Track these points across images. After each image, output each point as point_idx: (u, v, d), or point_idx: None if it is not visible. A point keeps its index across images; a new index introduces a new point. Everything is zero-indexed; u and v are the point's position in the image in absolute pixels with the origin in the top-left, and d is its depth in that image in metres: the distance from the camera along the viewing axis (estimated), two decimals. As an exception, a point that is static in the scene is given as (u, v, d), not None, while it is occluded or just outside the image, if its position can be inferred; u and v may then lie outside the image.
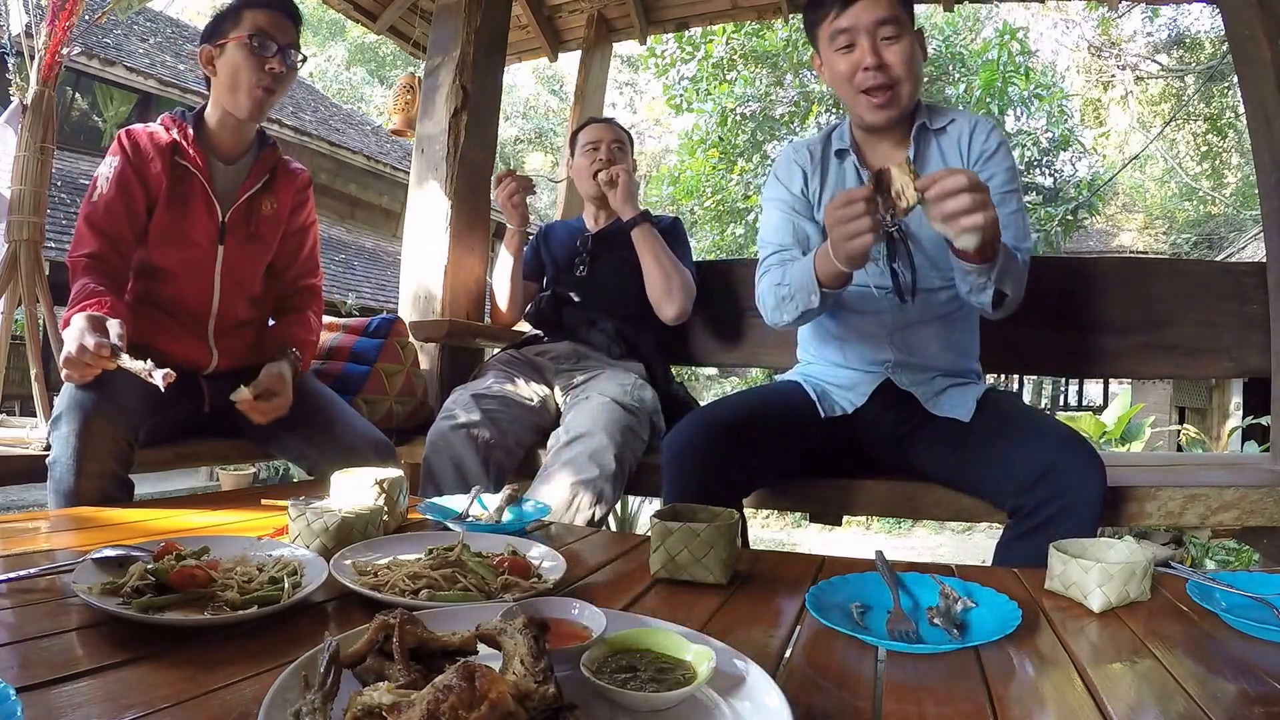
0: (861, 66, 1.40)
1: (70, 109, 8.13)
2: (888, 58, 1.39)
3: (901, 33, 1.39)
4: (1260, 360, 1.92)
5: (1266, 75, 1.72)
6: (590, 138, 2.24)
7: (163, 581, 0.79)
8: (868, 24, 1.38)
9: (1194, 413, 10.10)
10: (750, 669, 0.63)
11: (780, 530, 7.61)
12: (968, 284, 1.35)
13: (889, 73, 1.39)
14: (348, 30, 18.45)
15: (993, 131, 1.51)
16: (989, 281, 1.28)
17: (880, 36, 1.39)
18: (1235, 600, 0.87)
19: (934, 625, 0.82)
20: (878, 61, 1.38)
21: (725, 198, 10.19)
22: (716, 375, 13.28)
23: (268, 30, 1.61)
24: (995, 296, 1.33)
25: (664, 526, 0.98)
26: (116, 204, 1.57)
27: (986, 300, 1.34)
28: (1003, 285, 1.30)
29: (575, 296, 2.12)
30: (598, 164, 2.16)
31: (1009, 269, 1.30)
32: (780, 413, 1.53)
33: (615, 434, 1.66)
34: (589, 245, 2.20)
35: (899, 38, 1.39)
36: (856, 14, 1.38)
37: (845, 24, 1.40)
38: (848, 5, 1.39)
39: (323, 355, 2.13)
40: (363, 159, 10.80)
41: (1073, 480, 1.24)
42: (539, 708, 0.53)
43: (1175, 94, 14.39)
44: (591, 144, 2.21)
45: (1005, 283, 1.30)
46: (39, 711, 0.56)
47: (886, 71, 1.39)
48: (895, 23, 1.39)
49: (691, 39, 9.93)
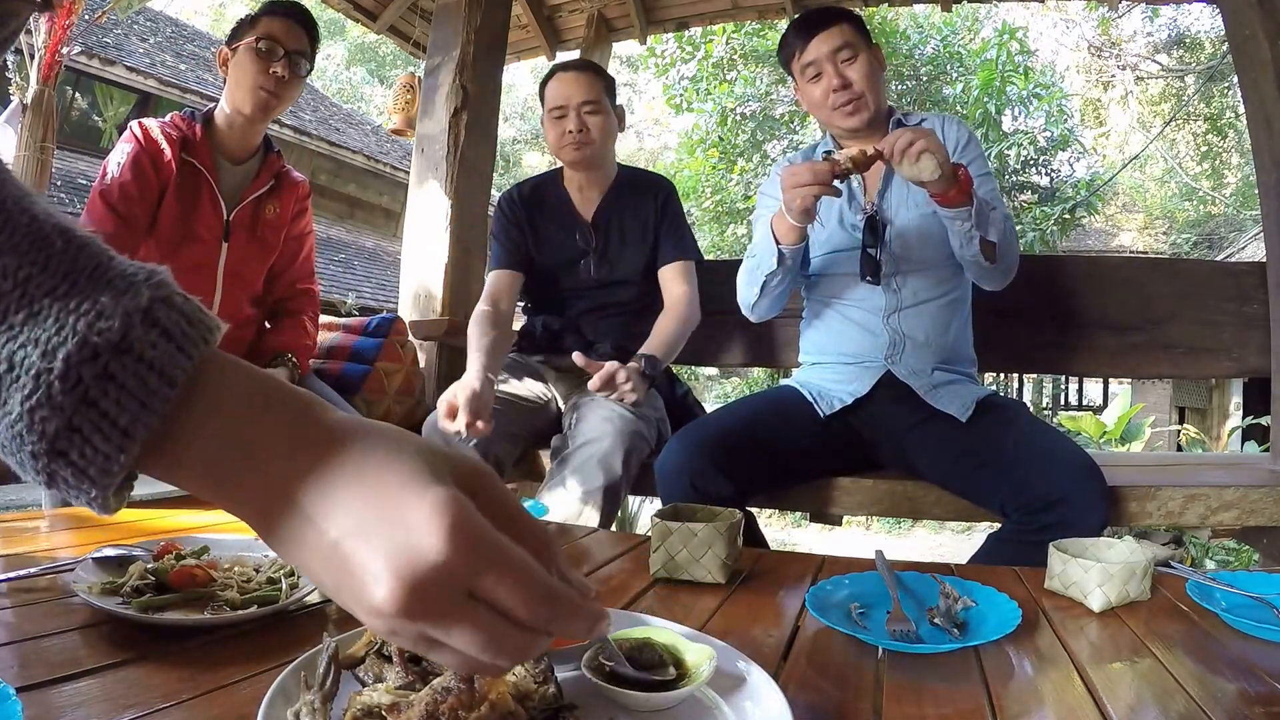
0: (830, 89, 1.59)
1: (70, 109, 8.12)
2: (850, 76, 1.59)
3: (857, 53, 1.60)
4: (1260, 360, 1.93)
5: (1266, 75, 1.72)
6: (557, 99, 1.84)
7: (163, 581, 0.79)
8: (827, 53, 1.59)
9: (1194, 413, 10.10)
10: (750, 669, 0.63)
11: (780, 530, 7.61)
12: (958, 237, 1.47)
13: (853, 89, 1.59)
14: (348, 30, 18.45)
15: (961, 126, 1.68)
16: (972, 226, 1.41)
17: (840, 60, 1.59)
18: (1235, 600, 0.87)
19: (934, 625, 0.82)
20: (842, 82, 1.59)
21: (725, 198, 10.20)
22: (717, 375, 13.29)
23: (277, 36, 1.66)
24: (986, 248, 1.45)
25: (664, 526, 0.98)
26: (131, 186, 1.60)
27: (978, 252, 1.45)
28: (987, 233, 1.43)
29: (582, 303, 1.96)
30: (569, 137, 1.83)
31: (990, 217, 1.44)
32: (775, 421, 1.56)
33: (624, 440, 1.63)
34: (593, 243, 1.94)
35: (855, 58, 1.59)
36: (817, 47, 1.60)
37: (810, 56, 1.61)
38: (809, 40, 1.60)
39: (322, 355, 2.13)
40: (363, 159, 10.79)
41: (1082, 511, 1.26)
42: (539, 708, 0.53)
43: (1175, 94, 14.39)
44: (558, 109, 1.84)
45: (989, 230, 1.43)
46: (39, 711, 0.56)
47: (850, 89, 1.59)
48: (850, 46, 1.59)
49: (691, 39, 9.94)
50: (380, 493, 0.36)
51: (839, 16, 1.62)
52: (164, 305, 0.36)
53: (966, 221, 1.42)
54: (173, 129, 1.66)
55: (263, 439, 0.37)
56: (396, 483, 0.36)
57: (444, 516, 0.35)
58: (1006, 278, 1.56)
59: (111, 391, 0.34)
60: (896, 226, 1.59)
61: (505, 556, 0.36)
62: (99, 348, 0.34)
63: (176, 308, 0.36)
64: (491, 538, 0.36)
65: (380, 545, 0.35)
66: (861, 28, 1.64)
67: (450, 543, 0.34)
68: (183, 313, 0.37)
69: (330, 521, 0.36)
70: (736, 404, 1.69)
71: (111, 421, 0.34)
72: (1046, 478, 1.30)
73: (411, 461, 0.37)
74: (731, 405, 1.70)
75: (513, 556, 0.36)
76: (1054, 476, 1.30)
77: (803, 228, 1.47)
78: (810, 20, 1.62)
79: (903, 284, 1.60)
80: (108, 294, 0.35)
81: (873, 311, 1.61)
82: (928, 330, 1.59)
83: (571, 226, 1.96)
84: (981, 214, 1.41)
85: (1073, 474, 1.29)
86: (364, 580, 0.35)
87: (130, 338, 0.35)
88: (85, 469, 0.35)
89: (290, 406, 0.39)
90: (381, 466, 0.37)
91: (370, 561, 0.35)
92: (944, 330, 1.61)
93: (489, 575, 0.35)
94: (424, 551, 0.34)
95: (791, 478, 1.60)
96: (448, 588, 0.35)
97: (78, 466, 0.34)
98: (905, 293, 1.59)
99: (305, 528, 0.37)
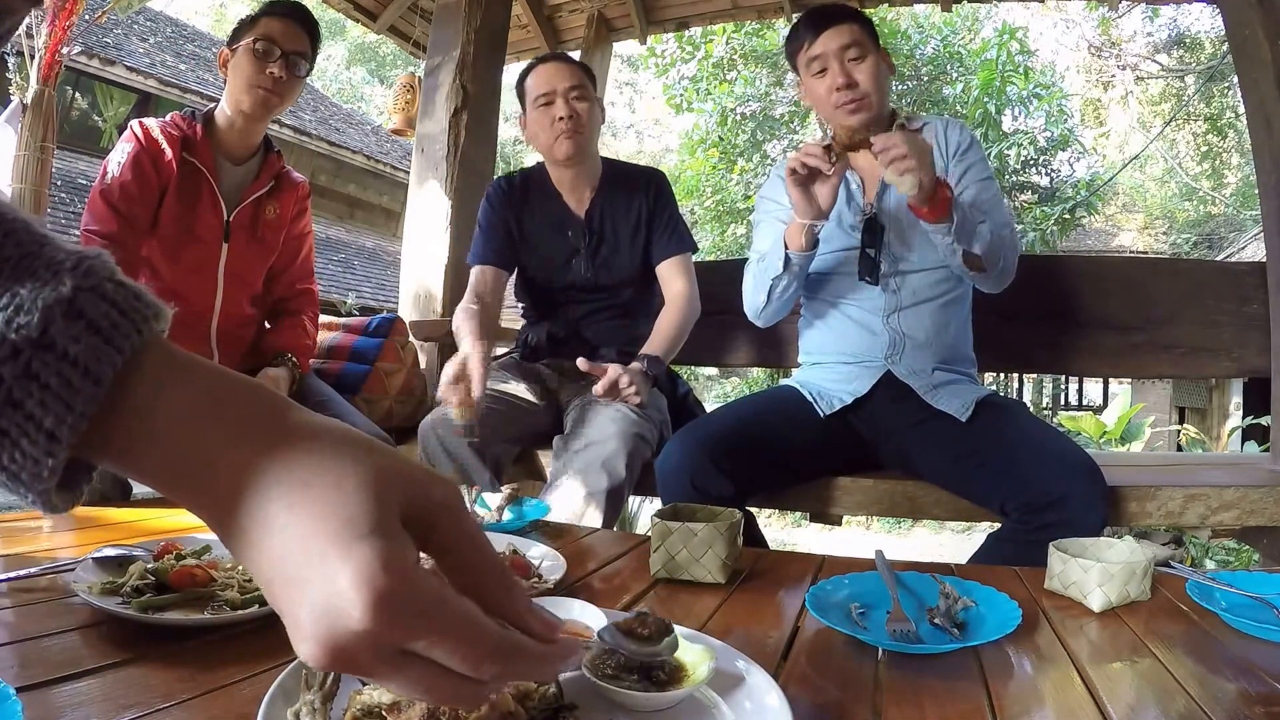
0: (835, 87, 1.57)
1: (70, 109, 8.12)
2: (856, 75, 1.57)
3: (866, 54, 1.58)
4: (1260, 360, 1.93)
5: (1266, 75, 1.72)
6: (541, 87, 1.79)
7: (163, 581, 0.79)
8: (835, 49, 1.57)
9: (1194, 413, 10.10)
10: (750, 669, 0.63)
11: (780, 530, 7.61)
12: (941, 248, 1.49)
13: (857, 89, 1.57)
14: (348, 30, 18.45)
15: (964, 129, 1.67)
16: (953, 240, 1.44)
17: (848, 58, 1.57)
18: (1235, 600, 0.87)
19: (934, 625, 0.82)
20: (847, 80, 1.57)
21: (725, 198, 10.21)
22: (717, 375, 13.29)
23: (274, 37, 1.66)
24: (970, 260, 1.48)
25: (664, 526, 0.98)
26: (131, 185, 1.60)
27: (961, 265, 1.49)
28: (970, 246, 1.45)
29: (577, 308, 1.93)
30: (561, 125, 1.77)
31: (976, 231, 1.45)
32: (774, 421, 1.56)
33: (627, 441, 1.62)
34: (585, 240, 1.89)
35: (863, 58, 1.58)
36: (825, 41, 1.58)
37: (817, 51, 1.59)
38: (818, 35, 1.58)
39: (322, 354, 2.13)
40: (363, 159, 10.79)
41: (1081, 510, 1.26)
42: (539, 708, 0.53)
43: (1175, 94, 14.39)
44: (545, 95, 1.79)
45: (973, 244, 1.45)
46: (39, 711, 0.56)
47: (855, 88, 1.57)
48: (859, 45, 1.57)
49: (691, 39, 9.94)
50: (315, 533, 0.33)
51: (851, 15, 1.61)
52: (91, 295, 0.33)
53: (946, 236, 1.44)
54: (173, 129, 1.66)
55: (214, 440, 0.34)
56: (329, 531, 0.33)
57: (367, 588, 0.31)
58: (1002, 282, 1.57)
59: (35, 392, 0.32)
60: (895, 227, 1.60)
61: (441, 619, 0.33)
62: (17, 345, 0.32)
63: (106, 296, 0.34)
64: (424, 601, 0.33)
65: (305, 601, 0.32)
66: (871, 30, 1.63)
67: (373, 614, 0.32)
68: (114, 302, 0.34)
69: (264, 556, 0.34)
70: (737, 404, 1.69)
71: (37, 424, 0.32)
72: (1046, 477, 1.30)
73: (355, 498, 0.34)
74: (732, 405, 1.70)
75: (450, 617, 0.34)
76: (1054, 476, 1.30)
77: (810, 235, 1.49)
78: (822, 15, 1.61)
79: (902, 284, 1.60)
80: (29, 285, 0.33)
81: (872, 311, 1.61)
82: (927, 330, 1.59)
83: (562, 224, 1.91)
84: (964, 229, 1.43)
85: (1073, 474, 1.30)
86: (291, 628, 0.33)
87: (51, 333, 0.32)
88: (17, 473, 0.33)
89: (245, 407, 0.36)
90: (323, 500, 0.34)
91: (296, 613, 0.33)
92: (944, 330, 1.61)
93: (421, 640, 0.33)
94: (345, 620, 0.32)
95: (791, 477, 1.60)
96: (372, 651, 0.33)
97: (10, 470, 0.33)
98: (904, 293, 1.60)
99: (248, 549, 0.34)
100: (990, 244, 1.46)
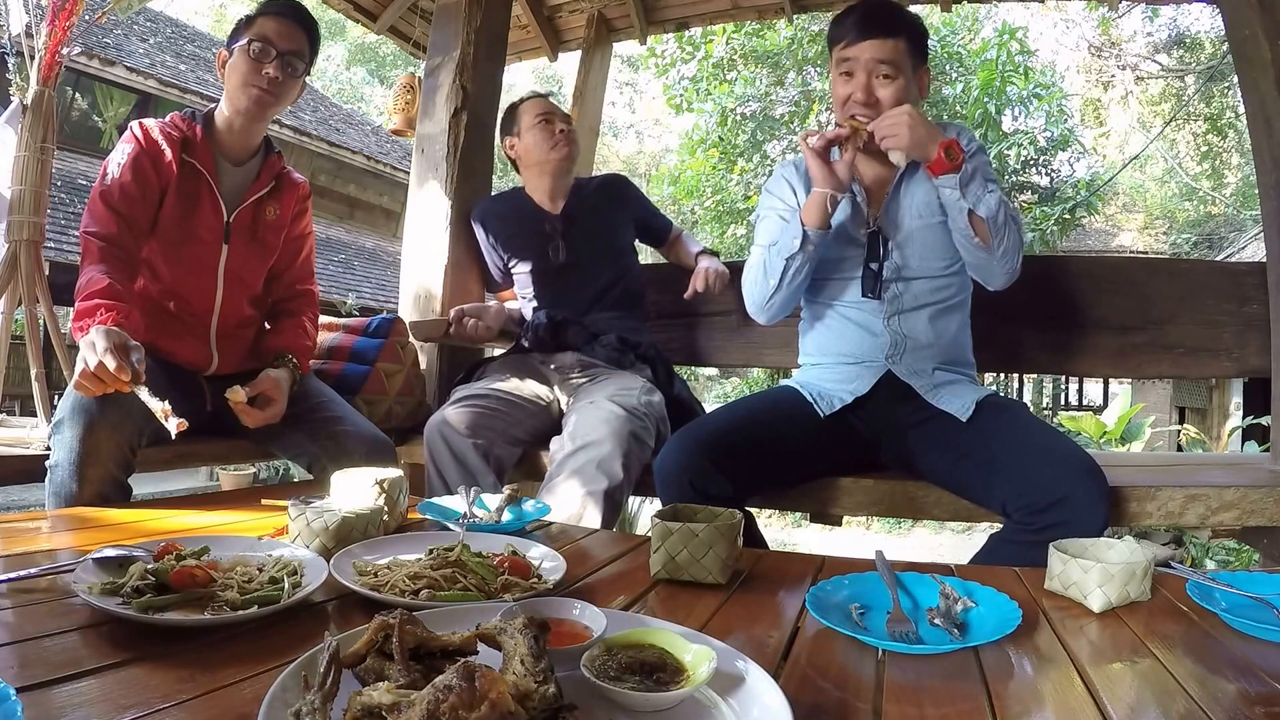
0: (854, 99, 1.51)
1: (70, 109, 8.13)
2: (879, 94, 1.51)
3: (898, 74, 1.50)
4: (1260, 360, 1.92)
5: (1266, 75, 1.72)
6: (541, 110, 2.18)
7: (163, 581, 0.79)
8: (868, 61, 1.50)
9: (1194, 413, 10.10)
10: (750, 669, 0.63)
11: (780, 530, 7.61)
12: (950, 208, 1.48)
13: (876, 109, 1.50)
14: (348, 30, 18.45)
15: (966, 133, 1.63)
16: (960, 195, 1.43)
17: (878, 74, 1.50)
18: (1235, 600, 0.87)
19: (934, 625, 0.82)
20: (866, 99, 1.50)
21: (725, 198, 10.19)
22: (717, 375, 13.29)
23: (271, 37, 1.65)
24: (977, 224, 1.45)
25: (664, 527, 0.98)
26: (131, 186, 1.59)
27: (966, 226, 1.45)
28: (977, 206, 1.44)
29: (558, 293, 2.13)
30: (561, 136, 2.15)
31: (985, 198, 1.44)
32: (774, 421, 1.55)
33: (623, 442, 1.63)
34: (560, 228, 2.14)
35: (895, 78, 1.50)
36: (861, 49, 1.50)
37: (850, 54, 1.52)
38: (858, 40, 1.51)
39: (323, 355, 2.13)
40: (363, 159, 10.80)
41: (1083, 510, 1.26)
42: (539, 708, 0.53)
43: (1175, 94, 14.38)
44: (544, 116, 2.16)
45: (979, 205, 1.43)
46: (39, 711, 0.56)
47: (875, 108, 1.50)
48: (894, 65, 1.50)
49: (691, 39, 9.92)
50: None
51: (901, 27, 1.52)
52: None
53: (954, 191, 1.44)
54: (173, 129, 1.66)
55: None
56: None
57: None
58: (1007, 266, 1.51)
59: None
60: (899, 238, 1.58)
61: None
62: None
63: None
64: None
65: None
66: (920, 43, 1.55)
67: None
68: None
69: None
70: (736, 404, 1.69)
71: None
72: (1047, 478, 1.30)
73: None
74: (731, 405, 1.70)
75: None
76: (1055, 476, 1.30)
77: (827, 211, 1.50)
78: (871, 19, 1.52)
79: (904, 290, 1.59)
80: None
81: (873, 313, 1.60)
82: (928, 332, 1.59)
83: (539, 221, 2.17)
84: (971, 185, 1.44)
85: (1073, 474, 1.29)
86: None
87: None
88: None
89: None
90: None
91: None
92: (944, 333, 1.61)
93: None
94: None
95: (791, 478, 1.60)
96: None
97: None
98: (906, 297, 1.59)
99: None
100: (997, 214, 1.44)
